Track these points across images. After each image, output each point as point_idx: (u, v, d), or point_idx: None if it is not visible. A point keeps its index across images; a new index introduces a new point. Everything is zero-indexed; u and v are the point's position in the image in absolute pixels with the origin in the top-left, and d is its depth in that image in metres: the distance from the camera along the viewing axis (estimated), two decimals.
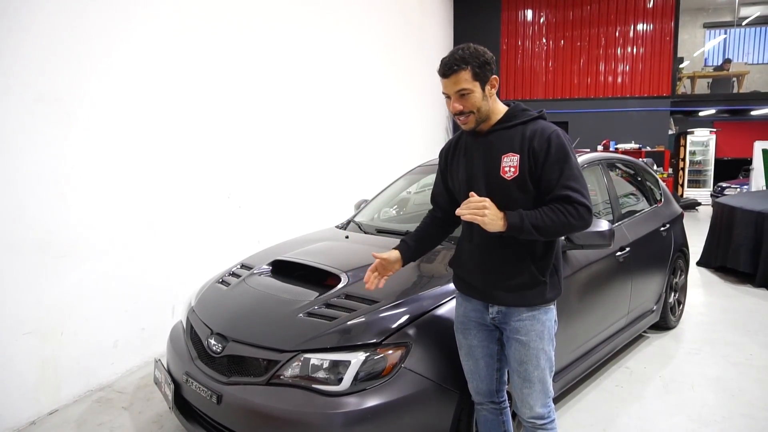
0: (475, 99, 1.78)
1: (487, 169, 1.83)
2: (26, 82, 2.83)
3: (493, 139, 1.85)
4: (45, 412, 2.97)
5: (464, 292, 2.00)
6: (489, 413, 2.04)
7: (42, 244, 2.94)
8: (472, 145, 1.91)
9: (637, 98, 12.30)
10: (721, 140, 14.88)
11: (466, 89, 1.76)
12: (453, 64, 1.75)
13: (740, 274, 5.90)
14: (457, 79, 1.75)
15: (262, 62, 5.01)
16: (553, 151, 1.74)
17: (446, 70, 1.76)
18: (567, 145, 1.76)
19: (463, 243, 1.99)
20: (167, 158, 3.83)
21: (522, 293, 1.82)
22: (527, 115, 1.84)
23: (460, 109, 1.79)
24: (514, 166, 1.77)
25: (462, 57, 1.75)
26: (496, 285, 1.85)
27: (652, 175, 4.53)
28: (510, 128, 1.83)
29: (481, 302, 1.93)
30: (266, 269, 2.83)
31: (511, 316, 1.86)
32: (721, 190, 12.02)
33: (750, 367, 3.57)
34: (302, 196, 5.73)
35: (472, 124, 1.83)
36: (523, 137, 1.79)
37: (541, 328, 1.84)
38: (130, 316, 3.53)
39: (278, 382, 2.04)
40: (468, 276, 1.95)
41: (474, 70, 1.76)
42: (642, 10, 12.14)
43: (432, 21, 11.02)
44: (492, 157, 1.83)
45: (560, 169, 1.73)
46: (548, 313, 1.86)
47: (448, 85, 1.78)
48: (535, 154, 1.75)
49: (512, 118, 1.84)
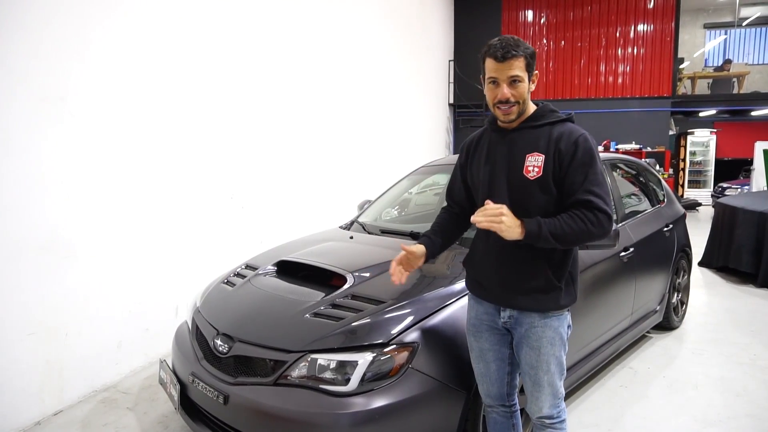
0: (523, 89, 1.74)
1: (510, 167, 1.80)
2: (30, 81, 2.83)
3: (519, 137, 1.81)
4: (50, 412, 2.97)
5: (477, 294, 1.96)
6: (499, 416, 2.03)
7: (46, 244, 2.94)
8: (497, 142, 1.87)
9: (638, 99, 12.33)
10: (722, 141, 14.90)
11: (518, 77, 1.72)
12: (511, 48, 1.69)
13: (742, 275, 5.90)
14: (513, 65, 1.70)
15: (265, 63, 5.01)
16: (579, 154, 1.71)
17: (504, 53, 1.69)
18: (594, 150, 1.73)
19: (478, 243, 1.95)
20: (170, 159, 3.83)
21: (536, 298, 1.79)
22: (555, 116, 1.81)
23: (508, 97, 1.73)
24: (538, 166, 1.74)
25: (516, 44, 1.71)
26: (510, 288, 1.82)
27: (654, 175, 4.53)
28: (537, 128, 1.80)
29: (493, 305, 1.90)
30: (271, 270, 2.83)
31: (523, 320, 1.83)
32: (722, 190, 12.03)
33: (754, 367, 3.57)
34: (305, 197, 5.74)
35: (514, 116, 1.78)
36: (550, 138, 1.76)
37: (553, 335, 1.81)
38: (133, 317, 3.53)
39: (285, 382, 2.04)
40: (481, 277, 1.92)
41: (527, 59, 1.73)
42: (642, 11, 12.16)
43: (433, 22, 11.03)
44: (516, 155, 1.79)
45: (585, 173, 1.70)
46: (561, 319, 1.83)
47: (502, 69, 1.71)
48: (561, 156, 1.72)
49: (540, 118, 1.81)
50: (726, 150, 15.58)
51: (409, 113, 9.37)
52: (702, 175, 14.16)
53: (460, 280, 2.37)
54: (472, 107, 12.06)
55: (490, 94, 1.78)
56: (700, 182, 14.13)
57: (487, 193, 1.85)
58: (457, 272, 2.46)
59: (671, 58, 12.13)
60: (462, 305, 2.23)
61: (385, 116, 8.15)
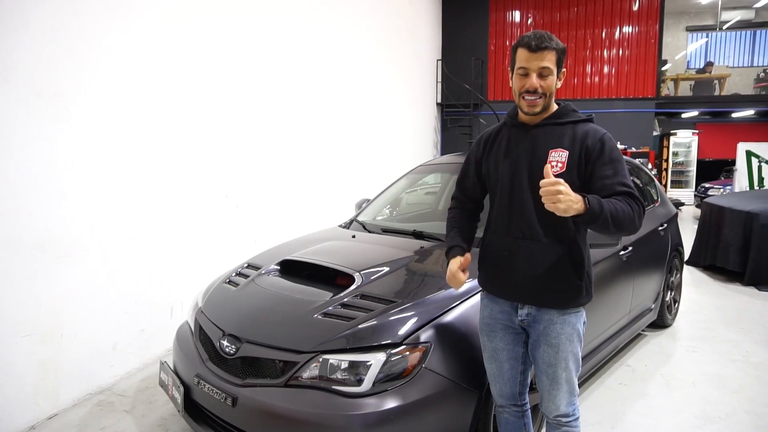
0: (551, 82, 1.76)
1: (533, 162, 1.80)
2: (25, 76, 2.75)
3: (541, 134, 1.82)
4: (44, 416, 2.89)
5: (492, 292, 1.95)
6: (511, 416, 2.02)
7: (41, 244, 2.86)
8: (518, 137, 1.87)
9: (623, 99, 12.49)
10: (703, 142, 15.16)
11: (548, 69, 1.74)
12: (545, 40, 1.72)
13: (729, 273, 6.01)
14: (545, 56, 1.72)
15: (259, 62, 4.95)
16: (607, 151, 1.75)
17: (538, 43, 1.71)
18: (618, 149, 1.79)
19: (492, 240, 1.92)
20: (165, 157, 3.76)
21: (557, 295, 1.80)
22: (577, 115, 1.84)
23: (536, 87, 1.74)
24: (562, 162, 1.75)
25: (550, 37, 1.73)
26: (531, 285, 1.81)
27: (648, 175, 4.58)
28: (559, 125, 1.81)
29: (509, 303, 1.90)
30: (275, 269, 2.78)
31: (541, 317, 1.83)
32: (705, 190, 12.25)
33: (747, 363, 3.63)
34: (299, 196, 5.69)
35: (539, 108, 1.78)
36: (574, 136, 1.78)
37: (572, 331, 1.81)
38: (129, 317, 3.45)
39: (297, 383, 2.01)
40: (497, 275, 1.90)
41: (558, 54, 1.75)
42: (628, 13, 12.32)
43: (421, 21, 11.04)
44: (539, 150, 1.80)
45: (615, 168, 1.72)
46: (578, 316, 1.84)
47: (534, 59, 1.73)
48: (588, 152, 1.75)
49: (563, 116, 1.83)
50: (707, 151, 15.87)
51: (398, 112, 9.35)
52: (684, 175, 14.40)
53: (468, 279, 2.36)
54: (460, 107, 12.09)
55: (518, 83, 1.78)
56: (683, 182, 14.37)
57: (508, 186, 1.84)
58: None
59: (655, 60, 12.31)
60: (472, 304, 2.23)
61: (375, 116, 8.12)
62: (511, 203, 1.85)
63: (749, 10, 15.70)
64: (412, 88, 10.33)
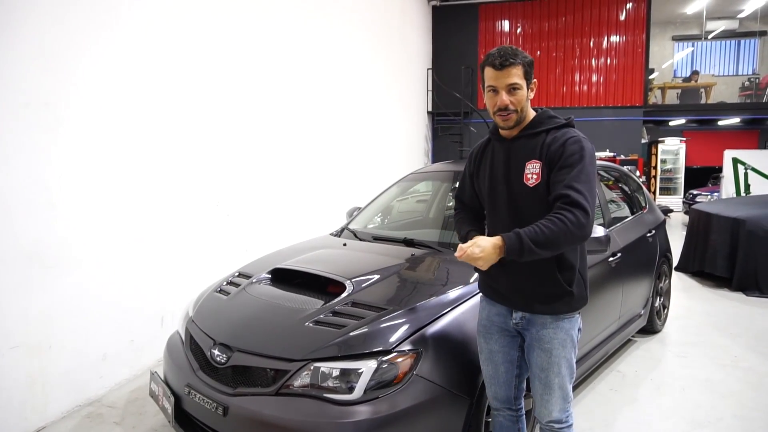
0: (521, 96, 1.77)
1: (510, 175, 1.83)
2: (13, 86, 2.74)
3: (518, 146, 1.85)
4: (32, 429, 2.85)
5: (489, 296, 1.98)
6: (505, 420, 2.04)
7: (29, 254, 2.84)
8: (498, 151, 1.91)
9: (611, 108, 12.64)
10: (690, 149, 15.35)
11: (517, 84, 1.75)
12: (509, 57, 1.73)
13: (717, 279, 6.07)
14: (511, 72, 1.74)
15: (251, 71, 4.96)
16: (566, 155, 1.72)
17: (503, 61, 1.73)
18: (585, 151, 1.73)
19: None
20: (156, 166, 3.75)
21: (548, 301, 1.81)
22: (554, 122, 1.83)
23: (507, 104, 1.76)
24: (536, 173, 1.77)
25: (514, 53, 1.74)
26: (522, 292, 1.84)
27: (636, 182, 4.64)
28: (535, 135, 1.83)
29: (505, 307, 1.92)
30: (266, 277, 2.78)
31: (534, 322, 1.85)
32: (693, 197, 12.39)
33: (736, 368, 3.66)
34: (290, 205, 5.69)
35: (512, 122, 1.80)
36: (543, 144, 1.79)
37: (565, 337, 1.83)
38: (118, 328, 3.42)
39: (288, 392, 2.01)
40: (493, 281, 1.93)
41: (525, 68, 1.77)
42: (615, 23, 12.50)
43: (412, 31, 11.13)
44: (516, 163, 1.82)
45: (567, 172, 1.69)
46: (573, 322, 1.86)
47: (501, 77, 1.75)
48: (551, 158, 1.75)
49: (538, 125, 1.84)
50: (694, 158, 16.06)
51: (389, 121, 9.40)
52: (672, 182, 14.57)
53: (459, 286, 2.39)
54: (451, 115, 12.17)
55: (490, 102, 1.81)
56: (671, 189, 14.53)
57: (491, 199, 1.87)
58: (457, 278, 2.46)
59: (643, 69, 12.49)
60: (463, 310, 2.24)
61: (366, 124, 8.16)
62: (494, 215, 1.90)
63: (733, 20, 15.98)
64: (403, 96, 10.39)
